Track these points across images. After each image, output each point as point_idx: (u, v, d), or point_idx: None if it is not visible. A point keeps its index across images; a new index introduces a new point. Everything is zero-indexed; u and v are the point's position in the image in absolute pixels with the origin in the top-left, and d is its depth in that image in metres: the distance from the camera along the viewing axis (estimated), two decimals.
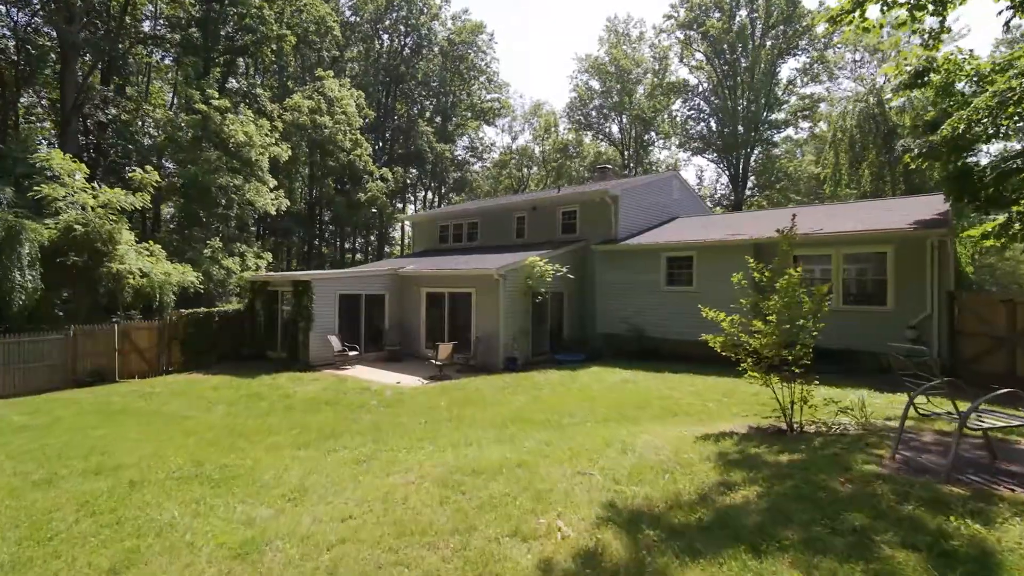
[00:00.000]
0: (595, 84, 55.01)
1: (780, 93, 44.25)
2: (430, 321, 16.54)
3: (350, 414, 9.27)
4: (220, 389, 11.68)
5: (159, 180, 20.19)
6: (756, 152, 45.14)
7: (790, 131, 46.30)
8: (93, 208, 17.80)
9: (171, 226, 31.27)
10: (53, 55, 26.94)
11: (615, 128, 55.09)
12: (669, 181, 19.50)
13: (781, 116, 44.98)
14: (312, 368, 14.37)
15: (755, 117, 42.42)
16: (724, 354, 6.57)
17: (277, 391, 11.19)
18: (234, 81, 34.37)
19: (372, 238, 46.85)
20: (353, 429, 8.08)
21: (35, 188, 17.05)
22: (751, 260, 6.52)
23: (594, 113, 55.55)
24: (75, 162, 17.65)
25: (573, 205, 17.73)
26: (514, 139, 59.58)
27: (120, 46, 29.91)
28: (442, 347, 13.03)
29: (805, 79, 43.71)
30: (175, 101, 34.85)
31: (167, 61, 34.28)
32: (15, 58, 26.06)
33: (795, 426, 6.01)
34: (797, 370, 5.93)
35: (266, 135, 27.92)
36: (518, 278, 14.62)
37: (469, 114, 51.76)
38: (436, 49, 49.29)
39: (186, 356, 16.42)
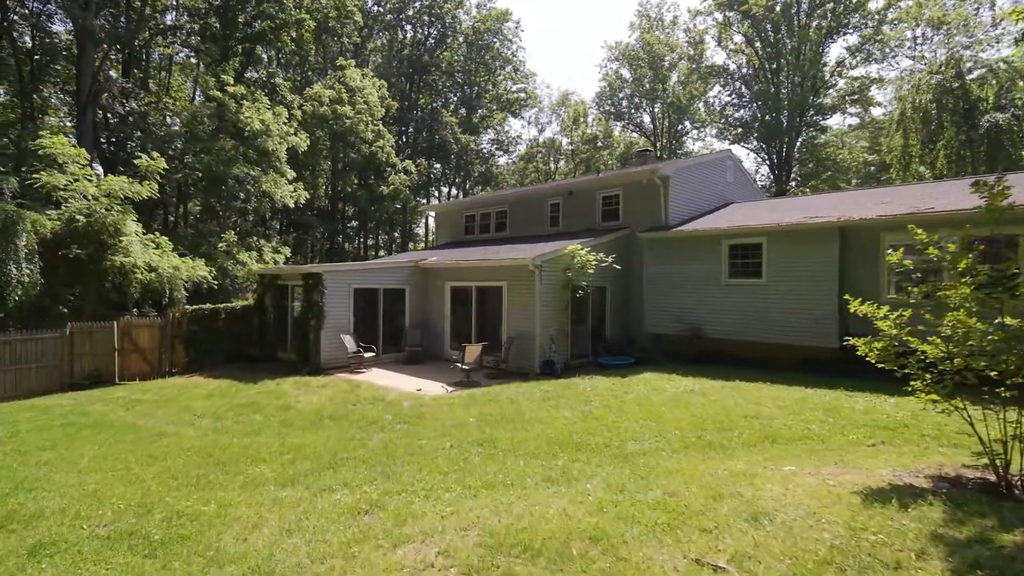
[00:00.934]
0: (625, 73, 52.65)
1: (828, 76, 41.17)
2: (456, 319, 14.77)
3: (358, 433, 7.52)
4: (213, 397, 10.11)
5: (167, 168, 18.91)
6: (800, 139, 42.15)
7: (837, 117, 43.22)
8: (96, 197, 16.60)
9: (189, 220, 30.32)
10: (68, 45, 26.23)
11: (647, 118, 52.63)
12: (722, 162, 17.31)
13: (828, 101, 41.88)
14: (323, 371, 12.75)
15: (800, 102, 39.49)
16: (882, 365, 4.53)
17: (277, 400, 9.54)
18: (254, 72, 33.35)
19: (395, 235, 45.49)
20: (359, 456, 6.31)
21: (33, 176, 15.91)
22: (920, 233, 4.47)
23: (625, 103, 53.17)
24: (75, 147, 16.44)
25: (615, 188, 15.72)
26: (541, 131, 57.56)
27: (140, 37, 29.10)
28: (469, 349, 11.23)
29: (856, 60, 40.54)
30: (195, 96, 33.97)
31: (187, 56, 33.31)
32: (30, 46, 25.39)
33: (1017, 481, 3.96)
34: (1007, 393, 3.91)
35: (284, 123, 26.61)
36: (556, 269, 12.72)
37: (495, 105, 49.95)
38: (461, 39, 47.65)
39: (190, 357, 15.02)
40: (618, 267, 13.38)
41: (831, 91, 41.81)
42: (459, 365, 11.35)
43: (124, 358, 14.60)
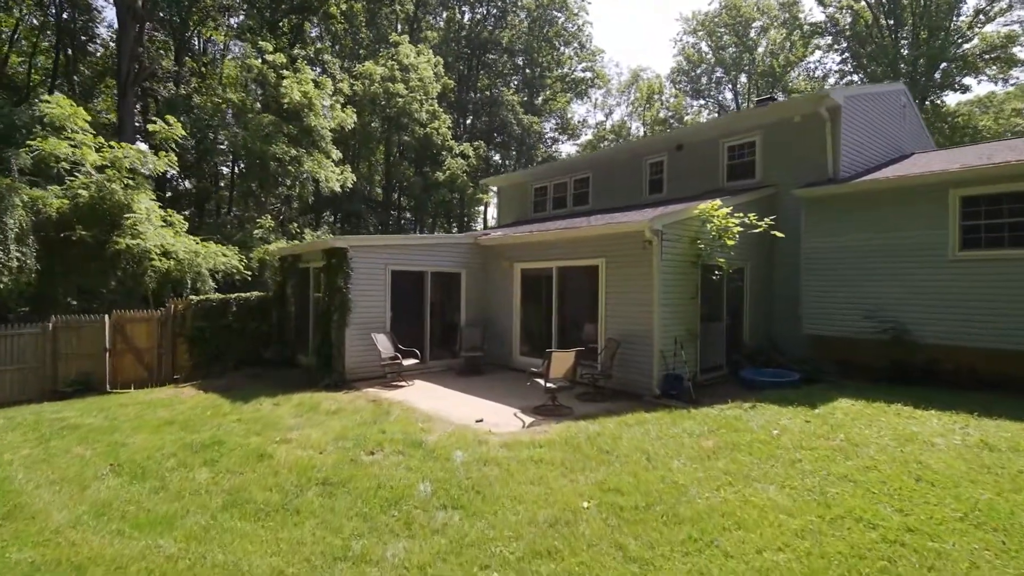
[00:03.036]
0: (704, 47, 47.14)
1: (964, 29, 34.05)
2: (529, 314, 10.86)
3: (359, 528, 3.72)
4: (172, 427, 6.66)
5: (184, 135, 16.20)
6: (927, 102, 35.20)
7: (973, 80, 35.78)
8: (100, 168, 14.02)
9: (231, 210, 28.23)
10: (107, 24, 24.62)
11: (729, 95, 46.79)
12: (896, 98, 12.38)
13: (963, 59, 34.68)
14: (347, 384, 9.19)
15: (934, 57, 32.70)
16: None
17: (256, 438, 5.93)
18: (301, 51, 31.03)
19: (453, 227, 42.38)
20: None
21: (27, 143, 13.48)
22: None
23: (704, 79, 47.59)
24: (72, 107, 13.88)
25: (750, 133, 11.24)
26: (608, 115, 52.86)
27: (188, 19, 27.37)
28: (557, 358, 7.23)
29: (998, 7, 33.19)
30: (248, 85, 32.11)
31: (232, 33, 31.43)
32: (72, 25, 23.96)
33: None
34: None
35: (331, 96, 23.77)
36: (681, 239, 8.52)
37: (559, 86, 45.80)
38: (523, 15, 43.89)
39: (195, 360, 11.97)
40: (777, 233, 8.93)
41: (967, 47, 34.62)
42: (540, 382, 7.39)
43: (117, 360, 11.73)
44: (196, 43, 30.51)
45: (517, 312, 10.88)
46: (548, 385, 7.20)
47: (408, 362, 9.37)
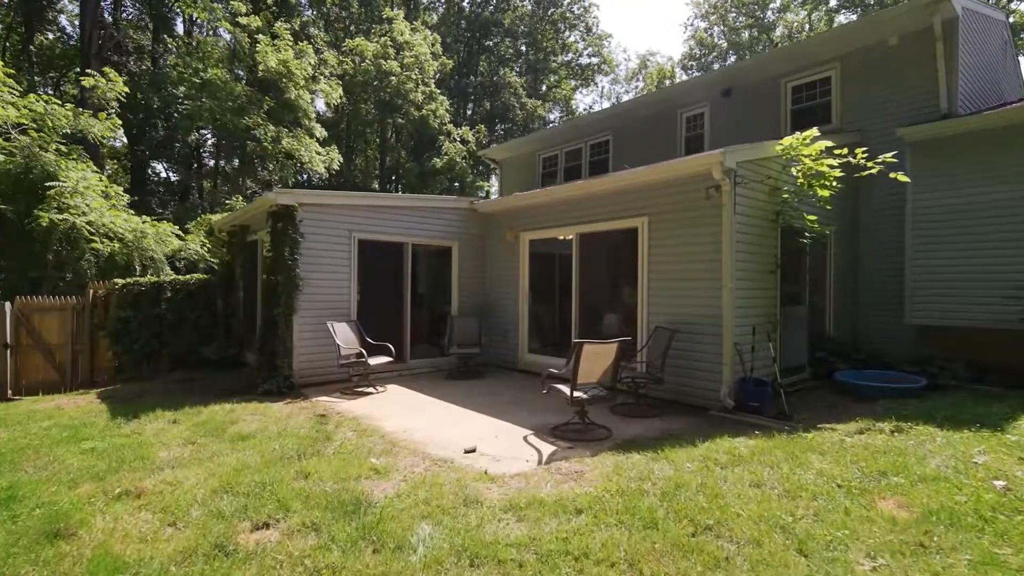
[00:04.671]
0: (717, 31, 44.70)
1: None
2: (540, 300, 8.39)
3: None
4: None
5: (126, 90, 13.77)
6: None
7: None
8: (20, 127, 11.64)
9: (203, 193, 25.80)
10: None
11: None
12: (1000, 30, 9.85)
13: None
14: (294, 391, 6.74)
15: None
16: None
17: (73, 494, 3.44)
18: (285, 24, 28.58)
19: None
20: None
21: None
22: None
23: (717, 65, 45.03)
24: None
25: (823, 67, 8.73)
26: (616, 103, 50.29)
27: None
28: (590, 354, 4.70)
29: None
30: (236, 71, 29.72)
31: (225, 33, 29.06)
32: None
33: None
34: None
35: (313, 67, 21.34)
36: (757, 189, 6.05)
37: (564, 72, 43.33)
38: None
39: (121, 360, 9.50)
40: (901, 176, 6.37)
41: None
42: (561, 388, 4.90)
43: (23, 359, 9.28)
44: (180, 26, 28.12)
45: (525, 296, 8.39)
46: (576, 395, 4.71)
47: (377, 361, 6.88)
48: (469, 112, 39.90)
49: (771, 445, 4.07)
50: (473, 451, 4.39)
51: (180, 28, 27.73)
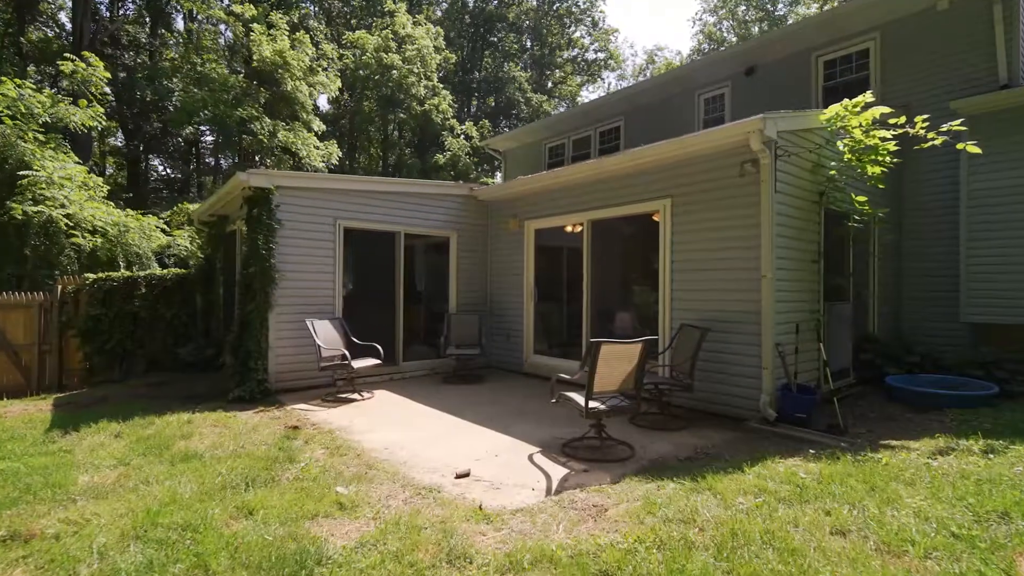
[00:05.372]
0: (726, 25, 43.71)
1: None
2: (548, 296, 7.58)
3: None
4: None
5: (108, 76, 13.07)
6: None
7: None
8: None
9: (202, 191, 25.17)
10: None
11: None
12: None
13: None
14: (270, 396, 5.96)
15: None
16: None
17: None
18: (283, 16, 27.88)
19: None
20: None
21: None
22: None
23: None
24: None
25: (860, 38, 7.87)
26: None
27: None
28: (608, 355, 3.90)
29: None
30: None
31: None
32: None
33: None
34: None
35: (311, 58, 20.62)
36: (799, 165, 5.23)
37: (570, 68, 42.49)
38: None
39: (92, 361, 8.76)
40: (972, 147, 5.56)
41: None
42: (574, 398, 4.08)
43: None
44: (180, 23, 27.50)
45: (530, 292, 7.58)
46: (592, 406, 3.89)
47: (361, 363, 6.08)
48: (473, 108, 39.15)
49: (839, 471, 3.24)
50: (467, 475, 3.58)
51: (180, 25, 27.21)
